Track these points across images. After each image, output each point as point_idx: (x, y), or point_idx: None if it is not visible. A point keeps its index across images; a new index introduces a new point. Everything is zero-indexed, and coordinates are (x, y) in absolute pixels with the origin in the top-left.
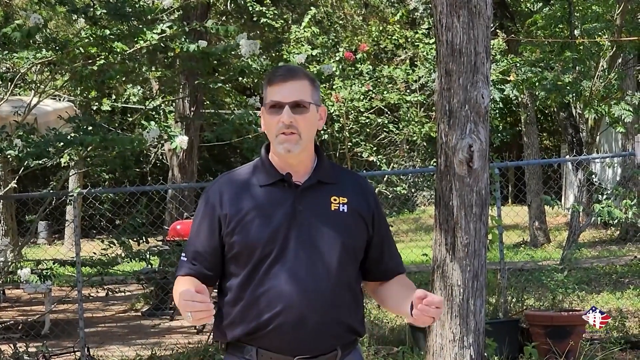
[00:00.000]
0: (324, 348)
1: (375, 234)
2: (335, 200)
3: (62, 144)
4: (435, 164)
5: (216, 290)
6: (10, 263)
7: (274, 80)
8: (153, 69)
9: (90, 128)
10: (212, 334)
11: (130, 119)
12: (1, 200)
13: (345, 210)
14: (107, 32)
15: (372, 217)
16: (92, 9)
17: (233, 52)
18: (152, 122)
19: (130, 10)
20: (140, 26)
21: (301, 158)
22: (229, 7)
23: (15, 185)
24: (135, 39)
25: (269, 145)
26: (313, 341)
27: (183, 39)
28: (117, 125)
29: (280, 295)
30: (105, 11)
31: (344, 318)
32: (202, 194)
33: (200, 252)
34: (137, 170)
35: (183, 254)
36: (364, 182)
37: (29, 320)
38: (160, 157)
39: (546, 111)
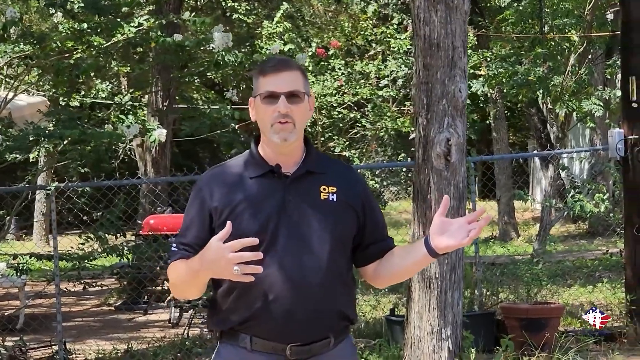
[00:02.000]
0: (316, 336)
1: (367, 220)
2: (324, 189)
3: (42, 137)
4: (402, 159)
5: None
6: None
7: (267, 71)
8: (124, 64)
9: (68, 122)
10: (206, 324)
11: (100, 115)
12: None
13: (335, 200)
14: (85, 25)
15: (362, 205)
16: (69, 2)
17: (205, 46)
18: (130, 116)
19: (106, 2)
20: (118, 19)
21: (293, 147)
22: (201, 1)
23: None
24: (113, 33)
25: (258, 138)
26: (305, 330)
27: (159, 33)
28: (86, 120)
29: (270, 285)
30: (82, 5)
31: (335, 306)
32: (193, 187)
33: (191, 244)
34: (107, 165)
35: (174, 245)
36: (352, 171)
37: (5, 314)
38: (129, 152)
39: (513, 107)
